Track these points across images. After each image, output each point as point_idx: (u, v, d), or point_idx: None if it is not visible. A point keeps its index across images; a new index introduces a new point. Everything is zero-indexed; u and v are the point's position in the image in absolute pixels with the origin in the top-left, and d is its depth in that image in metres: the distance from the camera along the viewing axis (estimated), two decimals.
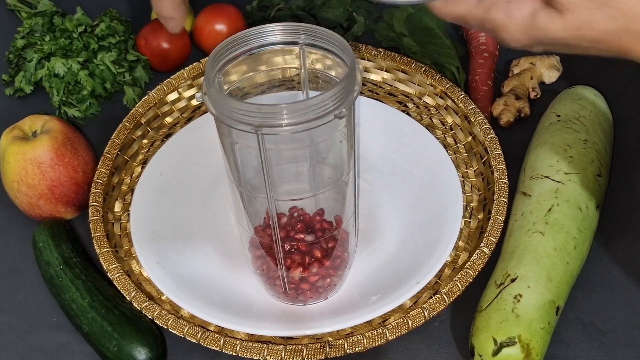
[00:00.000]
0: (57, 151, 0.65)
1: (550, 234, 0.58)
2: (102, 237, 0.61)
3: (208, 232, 0.65)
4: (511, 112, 0.74)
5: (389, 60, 0.73)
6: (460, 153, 0.69)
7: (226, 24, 0.82)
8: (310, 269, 0.56)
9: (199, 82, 0.74)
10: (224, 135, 0.50)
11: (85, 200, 0.66)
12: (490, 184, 0.64)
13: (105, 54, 0.79)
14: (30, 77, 0.79)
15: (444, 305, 0.55)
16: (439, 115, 0.72)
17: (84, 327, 0.58)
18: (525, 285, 0.55)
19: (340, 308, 0.58)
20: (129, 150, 0.70)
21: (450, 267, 0.60)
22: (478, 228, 0.62)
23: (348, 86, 0.46)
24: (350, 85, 0.46)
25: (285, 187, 0.59)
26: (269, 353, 0.53)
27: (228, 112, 0.45)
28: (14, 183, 0.66)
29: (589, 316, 0.60)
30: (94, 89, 0.78)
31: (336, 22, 0.86)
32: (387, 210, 0.66)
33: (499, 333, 0.53)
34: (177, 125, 0.73)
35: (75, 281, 0.60)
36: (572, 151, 0.63)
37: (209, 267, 0.62)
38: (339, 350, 0.53)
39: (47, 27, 0.82)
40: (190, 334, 0.54)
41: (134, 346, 0.56)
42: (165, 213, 0.65)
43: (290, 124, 0.44)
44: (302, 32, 0.49)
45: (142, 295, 0.57)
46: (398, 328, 0.54)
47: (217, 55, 0.48)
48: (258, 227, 0.57)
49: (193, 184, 0.68)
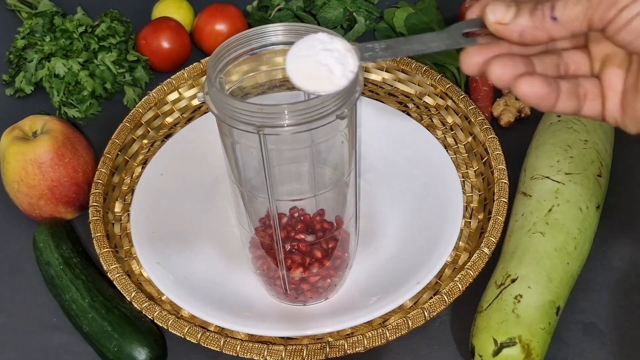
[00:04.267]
0: (58, 151, 0.65)
1: (551, 234, 0.58)
2: (103, 238, 0.61)
3: (208, 232, 0.65)
4: (511, 113, 0.74)
5: (389, 60, 0.74)
6: (460, 153, 0.69)
7: (226, 24, 0.83)
8: (311, 269, 0.56)
9: (199, 82, 0.74)
10: (225, 135, 0.50)
11: (86, 201, 0.66)
12: (490, 184, 0.64)
13: (105, 54, 0.79)
14: (30, 77, 0.79)
15: (444, 305, 0.55)
16: (439, 115, 0.72)
17: (84, 327, 0.58)
18: (525, 286, 0.55)
19: (340, 308, 0.58)
20: (129, 151, 0.70)
21: (450, 268, 0.60)
22: (478, 228, 0.62)
23: (350, 87, 0.46)
24: (352, 85, 0.46)
25: (286, 187, 0.59)
26: (269, 353, 0.53)
27: (229, 112, 0.45)
28: (14, 183, 0.66)
29: (589, 316, 0.60)
30: (94, 89, 0.78)
31: (336, 22, 0.87)
32: (387, 210, 0.66)
33: (499, 333, 0.53)
34: (178, 126, 0.73)
35: (76, 281, 0.60)
36: (573, 151, 0.63)
37: (209, 267, 0.62)
38: (339, 350, 0.53)
39: (47, 27, 0.82)
40: (191, 334, 0.54)
41: (134, 346, 0.56)
42: (166, 213, 0.65)
43: (291, 124, 0.44)
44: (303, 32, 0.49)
45: (142, 296, 0.57)
46: (398, 328, 0.54)
47: (218, 55, 0.48)
48: (259, 227, 0.57)
49: (193, 184, 0.68)
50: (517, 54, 0.38)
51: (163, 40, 0.81)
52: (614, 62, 0.38)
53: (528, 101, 0.37)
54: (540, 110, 0.38)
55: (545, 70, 0.39)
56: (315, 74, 0.40)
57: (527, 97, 0.37)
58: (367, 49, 0.40)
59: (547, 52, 0.40)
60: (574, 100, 0.38)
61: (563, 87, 0.38)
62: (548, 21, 0.35)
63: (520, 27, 0.36)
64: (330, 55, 0.40)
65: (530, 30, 0.36)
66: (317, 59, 0.40)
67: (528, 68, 0.38)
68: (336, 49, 0.40)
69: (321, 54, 0.40)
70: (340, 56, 0.40)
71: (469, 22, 0.39)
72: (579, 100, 0.38)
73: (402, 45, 0.40)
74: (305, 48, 0.40)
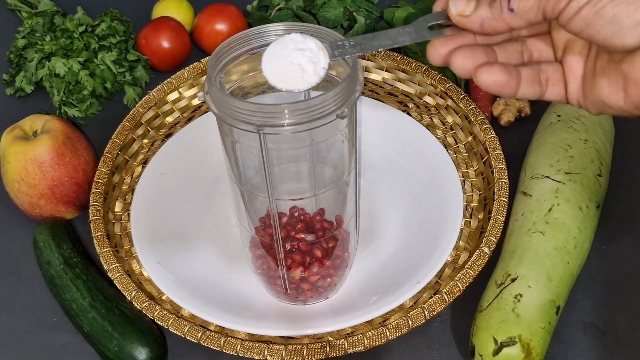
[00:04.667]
0: (58, 151, 0.65)
1: (551, 234, 0.58)
2: (103, 237, 0.61)
3: (208, 231, 0.65)
4: (511, 112, 0.74)
5: (390, 60, 0.74)
6: (460, 153, 0.69)
7: (226, 23, 0.83)
8: (311, 268, 0.56)
9: (199, 82, 0.74)
10: (225, 134, 0.50)
11: (86, 200, 0.66)
12: (490, 184, 0.64)
13: (105, 53, 0.79)
14: (30, 77, 0.79)
15: (444, 305, 0.55)
16: (439, 115, 0.72)
17: (85, 327, 0.58)
18: (525, 285, 0.55)
19: (340, 308, 0.58)
20: (129, 150, 0.70)
21: (450, 267, 0.60)
22: (478, 228, 0.62)
23: (350, 86, 0.46)
24: (352, 85, 0.46)
25: (286, 186, 0.59)
26: (269, 353, 0.53)
27: (230, 111, 0.45)
28: (15, 183, 0.66)
29: (589, 316, 0.60)
30: (95, 89, 0.78)
31: (336, 22, 0.87)
32: (387, 209, 0.66)
33: (499, 333, 0.53)
34: (178, 125, 0.73)
35: (76, 281, 0.60)
36: (573, 151, 0.63)
37: (209, 266, 0.62)
38: (340, 350, 0.53)
39: (47, 27, 0.82)
40: (191, 333, 0.54)
41: (134, 346, 0.56)
42: (166, 213, 0.65)
43: (292, 123, 0.44)
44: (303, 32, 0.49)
45: (142, 295, 0.57)
46: (398, 328, 0.54)
47: (218, 54, 0.48)
48: (259, 227, 0.57)
49: (193, 184, 0.68)
50: (481, 45, 0.41)
51: (163, 39, 0.81)
52: (574, 48, 0.40)
53: (488, 89, 0.39)
54: (503, 96, 0.40)
55: (508, 59, 0.41)
56: (289, 73, 0.43)
57: (487, 85, 0.39)
58: (337, 47, 0.43)
59: (512, 40, 0.42)
60: (536, 86, 0.40)
61: (524, 74, 0.40)
62: (506, 13, 0.38)
63: (480, 18, 0.39)
64: (302, 54, 0.42)
65: (490, 21, 0.38)
66: (290, 59, 0.42)
67: (489, 58, 0.40)
68: (309, 48, 0.42)
69: (294, 54, 0.42)
70: (313, 55, 0.42)
71: (435, 15, 0.41)
72: (540, 86, 0.40)
73: (371, 42, 0.42)
74: (279, 49, 0.43)
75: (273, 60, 0.43)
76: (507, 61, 0.41)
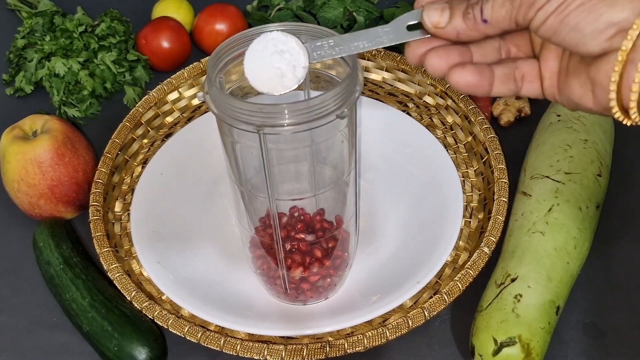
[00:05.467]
0: (58, 151, 0.65)
1: (551, 234, 0.58)
2: (103, 237, 0.61)
3: (208, 231, 0.65)
4: (511, 112, 0.74)
5: (389, 60, 0.74)
6: (460, 153, 0.69)
7: (226, 23, 0.83)
8: (311, 268, 0.56)
9: (199, 82, 0.74)
10: (225, 134, 0.50)
11: (86, 200, 0.66)
12: (490, 184, 0.64)
13: (105, 53, 0.79)
14: (30, 76, 0.79)
15: (444, 305, 0.55)
16: (439, 115, 0.72)
17: (84, 326, 0.58)
18: (525, 285, 0.55)
19: (340, 308, 0.58)
20: (129, 150, 0.70)
21: (450, 267, 0.60)
22: (478, 228, 0.62)
23: (350, 86, 0.46)
24: (352, 85, 0.46)
25: (286, 186, 0.59)
26: (269, 353, 0.53)
27: (230, 111, 0.45)
28: (14, 183, 0.66)
29: (589, 316, 0.60)
30: (94, 89, 0.78)
31: (336, 22, 0.86)
32: (387, 209, 0.66)
33: (499, 333, 0.53)
34: (178, 125, 0.73)
35: (76, 281, 0.60)
36: (572, 151, 0.63)
37: (209, 266, 0.62)
38: (339, 350, 0.53)
39: (47, 27, 0.82)
40: (191, 333, 0.54)
41: (134, 346, 0.56)
42: (166, 213, 0.65)
43: (291, 123, 0.44)
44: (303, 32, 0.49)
45: (142, 295, 0.57)
46: (398, 328, 0.54)
47: (218, 54, 0.48)
48: (259, 227, 0.57)
49: (193, 184, 0.68)
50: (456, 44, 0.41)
51: (163, 40, 0.81)
52: (550, 46, 0.41)
53: (461, 90, 0.40)
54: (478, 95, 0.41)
55: (485, 57, 0.42)
56: (268, 77, 0.43)
57: (458, 85, 0.40)
58: (317, 47, 0.43)
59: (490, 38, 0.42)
60: (510, 84, 0.41)
61: (498, 73, 0.41)
62: (480, 23, 0.39)
63: (455, 30, 0.40)
64: (282, 58, 0.43)
65: (465, 31, 0.39)
66: (270, 62, 0.43)
67: (464, 58, 0.41)
68: (289, 50, 0.43)
69: (274, 56, 0.43)
70: (292, 58, 0.43)
71: (413, 14, 0.41)
72: (515, 83, 0.41)
73: (349, 43, 0.42)
74: (259, 50, 0.43)
75: (254, 62, 0.43)
76: (484, 59, 0.42)
